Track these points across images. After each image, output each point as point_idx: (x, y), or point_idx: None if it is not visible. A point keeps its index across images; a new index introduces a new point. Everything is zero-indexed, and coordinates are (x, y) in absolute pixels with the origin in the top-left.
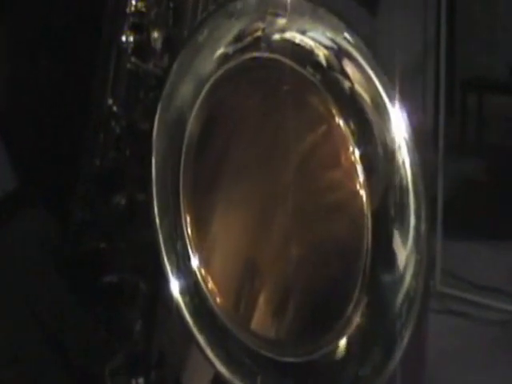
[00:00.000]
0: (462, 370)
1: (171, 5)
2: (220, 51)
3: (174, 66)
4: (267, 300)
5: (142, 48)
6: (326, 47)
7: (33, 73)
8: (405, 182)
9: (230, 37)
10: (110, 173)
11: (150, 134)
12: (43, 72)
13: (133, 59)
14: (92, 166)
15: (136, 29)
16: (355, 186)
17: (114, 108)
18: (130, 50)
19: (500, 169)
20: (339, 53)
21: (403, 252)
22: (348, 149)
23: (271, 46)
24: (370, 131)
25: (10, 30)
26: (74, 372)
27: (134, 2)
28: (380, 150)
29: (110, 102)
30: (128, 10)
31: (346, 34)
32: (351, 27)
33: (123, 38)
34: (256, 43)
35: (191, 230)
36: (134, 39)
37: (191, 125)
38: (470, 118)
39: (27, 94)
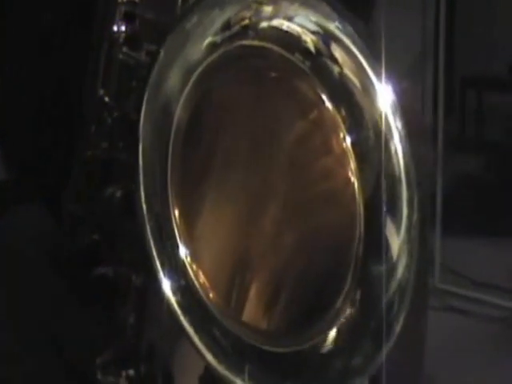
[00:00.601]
0: (462, 367)
1: None
2: (208, 40)
3: (161, 53)
4: (258, 291)
5: (134, 38)
6: (313, 32)
7: (24, 65)
8: (397, 170)
9: (217, 25)
10: (103, 164)
11: (137, 122)
12: (34, 64)
13: (124, 49)
14: (84, 157)
15: (127, 18)
16: (347, 174)
17: (106, 99)
18: (121, 40)
19: (499, 166)
20: (327, 37)
21: (396, 241)
22: (339, 135)
23: (259, 34)
24: (360, 117)
25: (0, 20)
26: (65, 365)
27: None
28: (372, 136)
29: (102, 92)
30: (119, 0)
31: (337, 22)
32: (343, 15)
33: (115, 28)
34: (244, 31)
35: (180, 224)
36: (126, 29)
37: (179, 114)
38: (469, 115)
39: (18, 87)
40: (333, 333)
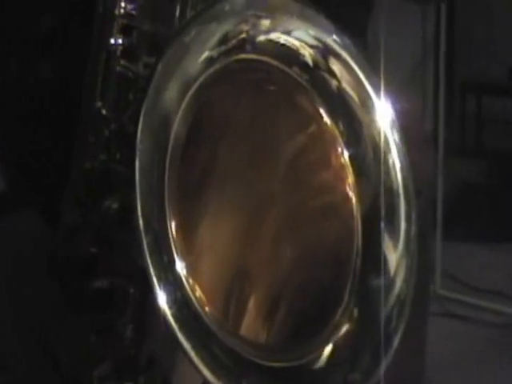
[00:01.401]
0: (462, 373)
1: (160, 5)
2: (205, 55)
3: (159, 66)
4: (257, 305)
5: (132, 50)
6: (311, 46)
7: (22, 76)
8: (395, 185)
9: (214, 40)
10: (101, 176)
11: (134, 135)
12: (33, 75)
13: (122, 61)
14: (82, 168)
15: (125, 31)
16: (345, 188)
17: (103, 111)
18: (119, 53)
19: (500, 171)
20: (325, 51)
21: (394, 255)
22: (337, 150)
23: (256, 48)
24: (358, 131)
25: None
26: (62, 377)
27: (122, 4)
28: (370, 150)
29: (100, 104)
30: (117, 12)
31: (335, 35)
32: (340, 27)
33: (112, 41)
34: (241, 45)
35: (177, 237)
36: (123, 41)
37: (177, 127)
38: (470, 120)
39: (17, 97)
40: (331, 347)
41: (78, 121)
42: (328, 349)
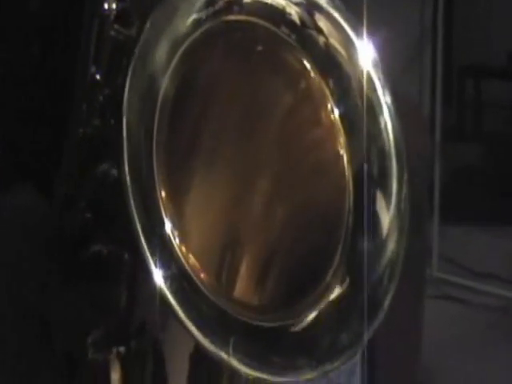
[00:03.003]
0: (460, 357)
1: None
2: (193, 16)
3: (147, 26)
4: (249, 269)
5: (125, 15)
6: (297, 4)
7: (15, 40)
8: (387, 146)
9: (200, 3)
10: (95, 142)
11: (122, 96)
12: (26, 41)
13: (116, 26)
14: (76, 135)
15: None
16: (336, 147)
17: (97, 76)
18: (112, 17)
19: (498, 155)
20: (310, 7)
21: (386, 216)
22: (327, 107)
23: (244, 9)
24: (348, 87)
25: None
26: (55, 344)
27: None
28: (359, 104)
29: (93, 69)
30: None
31: None
32: None
33: (105, 5)
34: (228, 7)
35: (167, 203)
36: (117, 6)
37: (165, 87)
38: (468, 104)
39: (11, 66)
40: (320, 308)
41: (71, 87)
42: (318, 310)
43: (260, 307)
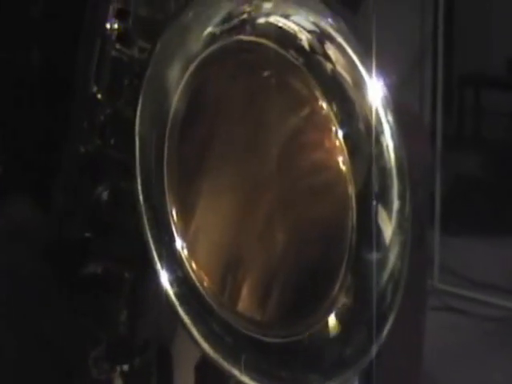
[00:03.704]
0: (461, 367)
1: None
2: (208, 30)
3: (157, 47)
4: (253, 282)
5: (127, 35)
6: (309, 31)
7: (17, 60)
8: (388, 164)
9: (217, 18)
10: (95, 161)
11: (134, 114)
12: (28, 59)
13: (117, 46)
14: (76, 153)
15: (120, 15)
16: (339, 168)
17: (99, 95)
18: (114, 37)
19: (498, 164)
20: (322, 36)
21: (388, 231)
22: (331, 130)
23: (256, 30)
24: (352, 111)
25: None
26: (57, 361)
27: None
28: (363, 129)
29: (95, 89)
30: None
31: (330, 19)
32: (336, 12)
33: (108, 25)
34: (242, 26)
35: (177, 217)
36: (119, 26)
37: (175, 106)
38: (468, 112)
39: (12, 81)
40: (327, 323)
41: (72, 105)
42: (324, 325)
43: (265, 323)
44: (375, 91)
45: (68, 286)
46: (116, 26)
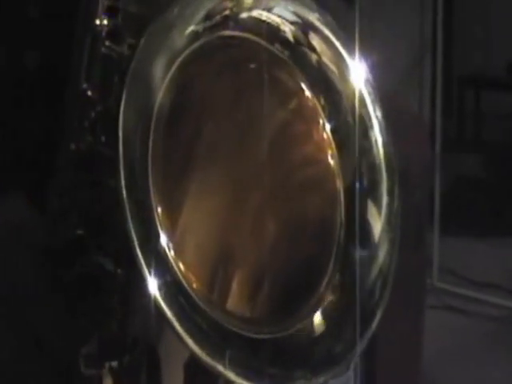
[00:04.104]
0: (460, 366)
1: None
2: (190, 29)
3: (142, 43)
4: (242, 279)
5: (117, 32)
6: (292, 22)
7: (7, 58)
8: (377, 159)
9: (199, 15)
10: (87, 158)
11: (118, 110)
12: (18, 57)
13: (107, 43)
14: (68, 151)
15: (110, 12)
16: (327, 161)
17: (89, 92)
18: (104, 34)
19: (497, 165)
20: (305, 27)
21: (377, 227)
22: (319, 123)
23: (239, 25)
24: (339, 104)
25: None
26: (47, 358)
27: None
28: (351, 122)
29: (85, 86)
30: None
31: (313, 9)
32: (319, 1)
33: (97, 22)
34: (225, 22)
35: (162, 216)
36: (109, 23)
37: (160, 102)
38: (468, 114)
39: (5, 79)
40: (315, 319)
41: (64, 103)
42: (312, 321)
43: (254, 320)
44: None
45: (61, 283)
46: (106, 22)
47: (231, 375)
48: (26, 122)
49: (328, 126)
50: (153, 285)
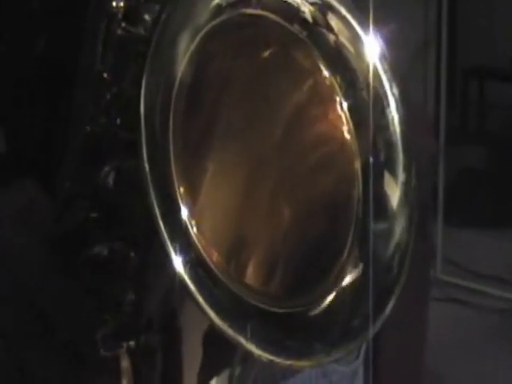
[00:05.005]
0: (463, 358)
1: None
2: (216, 1)
3: (164, 16)
4: (261, 255)
5: (133, 13)
6: (311, 3)
7: (22, 40)
8: (394, 137)
9: None
10: (101, 140)
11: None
12: (33, 38)
13: (123, 24)
14: (82, 133)
15: None
16: (345, 138)
17: (105, 74)
18: (120, 16)
19: (501, 157)
20: (324, 7)
21: (394, 199)
22: (336, 101)
23: (261, 3)
24: (356, 81)
25: None
26: (65, 341)
27: None
28: (367, 99)
29: (101, 68)
30: None
31: None
32: None
33: (113, 3)
34: None
35: (184, 194)
36: (125, 4)
37: (181, 78)
38: (471, 106)
39: (14, 64)
40: (333, 294)
41: (77, 85)
42: (331, 296)
43: (274, 294)
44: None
45: (74, 266)
46: (121, 3)
47: (252, 347)
48: (38, 105)
49: (345, 104)
50: (177, 260)
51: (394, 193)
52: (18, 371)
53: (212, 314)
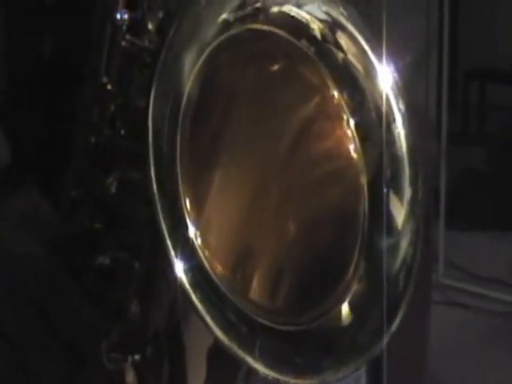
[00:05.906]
0: (464, 361)
1: None
2: (222, 17)
3: (172, 31)
4: (266, 270)
5: (137, 25)
6: (321, 20)
7: (26, 51)
8: (400, 152)
9: (233, 4)
10: (105, 151)
11: (142, 109)
12: (36, 50)
13: (128, 36)
14: (87, 143)
15: (130, 5)
16: (351, 155)
17: (109, 86)
18: (124, 27)
19: (503, 159)
20: (333, 25)
21: (400, 217)
22: (343, 119)
23: (269, 19)
24: (363, 99)
25: (2, 6)
26: (67, 352)
27: None
28: (374, 117)
29: (105, 79)
30: None
31: (341, 8)
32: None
33: (118, 16)
34: (255, 14)
35: (190, 205)
36: (129, 16)
37: (188, 93)
38: (473, 108)
39: (20, 72)
40: (341, 310)
41: (82, 96)
42: (337, 312)
43: (279, 311)
44: (386, 77)
45: (78, 277)
46: (126, 16)
47: (260, 367)
48: (43, 112)
49: (352, 122)
50: (180, 272)
51: (401, 209)
52: (21, 371)
53: (220, 334)
